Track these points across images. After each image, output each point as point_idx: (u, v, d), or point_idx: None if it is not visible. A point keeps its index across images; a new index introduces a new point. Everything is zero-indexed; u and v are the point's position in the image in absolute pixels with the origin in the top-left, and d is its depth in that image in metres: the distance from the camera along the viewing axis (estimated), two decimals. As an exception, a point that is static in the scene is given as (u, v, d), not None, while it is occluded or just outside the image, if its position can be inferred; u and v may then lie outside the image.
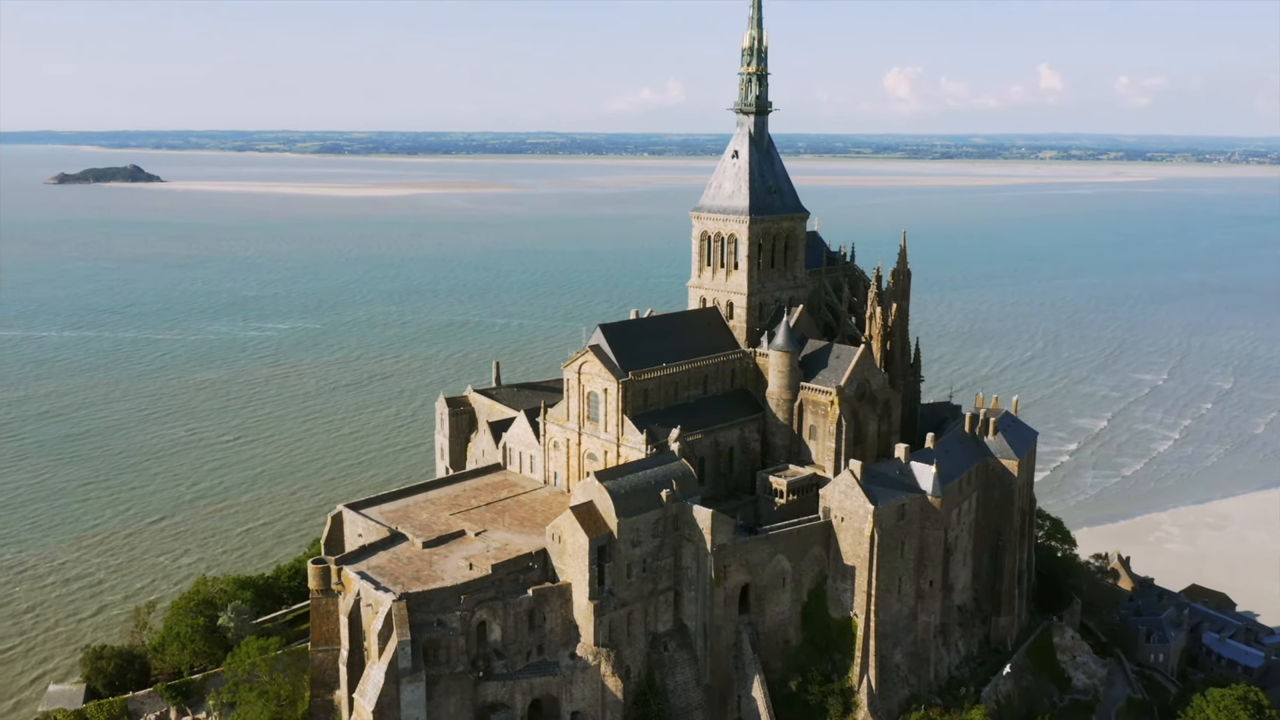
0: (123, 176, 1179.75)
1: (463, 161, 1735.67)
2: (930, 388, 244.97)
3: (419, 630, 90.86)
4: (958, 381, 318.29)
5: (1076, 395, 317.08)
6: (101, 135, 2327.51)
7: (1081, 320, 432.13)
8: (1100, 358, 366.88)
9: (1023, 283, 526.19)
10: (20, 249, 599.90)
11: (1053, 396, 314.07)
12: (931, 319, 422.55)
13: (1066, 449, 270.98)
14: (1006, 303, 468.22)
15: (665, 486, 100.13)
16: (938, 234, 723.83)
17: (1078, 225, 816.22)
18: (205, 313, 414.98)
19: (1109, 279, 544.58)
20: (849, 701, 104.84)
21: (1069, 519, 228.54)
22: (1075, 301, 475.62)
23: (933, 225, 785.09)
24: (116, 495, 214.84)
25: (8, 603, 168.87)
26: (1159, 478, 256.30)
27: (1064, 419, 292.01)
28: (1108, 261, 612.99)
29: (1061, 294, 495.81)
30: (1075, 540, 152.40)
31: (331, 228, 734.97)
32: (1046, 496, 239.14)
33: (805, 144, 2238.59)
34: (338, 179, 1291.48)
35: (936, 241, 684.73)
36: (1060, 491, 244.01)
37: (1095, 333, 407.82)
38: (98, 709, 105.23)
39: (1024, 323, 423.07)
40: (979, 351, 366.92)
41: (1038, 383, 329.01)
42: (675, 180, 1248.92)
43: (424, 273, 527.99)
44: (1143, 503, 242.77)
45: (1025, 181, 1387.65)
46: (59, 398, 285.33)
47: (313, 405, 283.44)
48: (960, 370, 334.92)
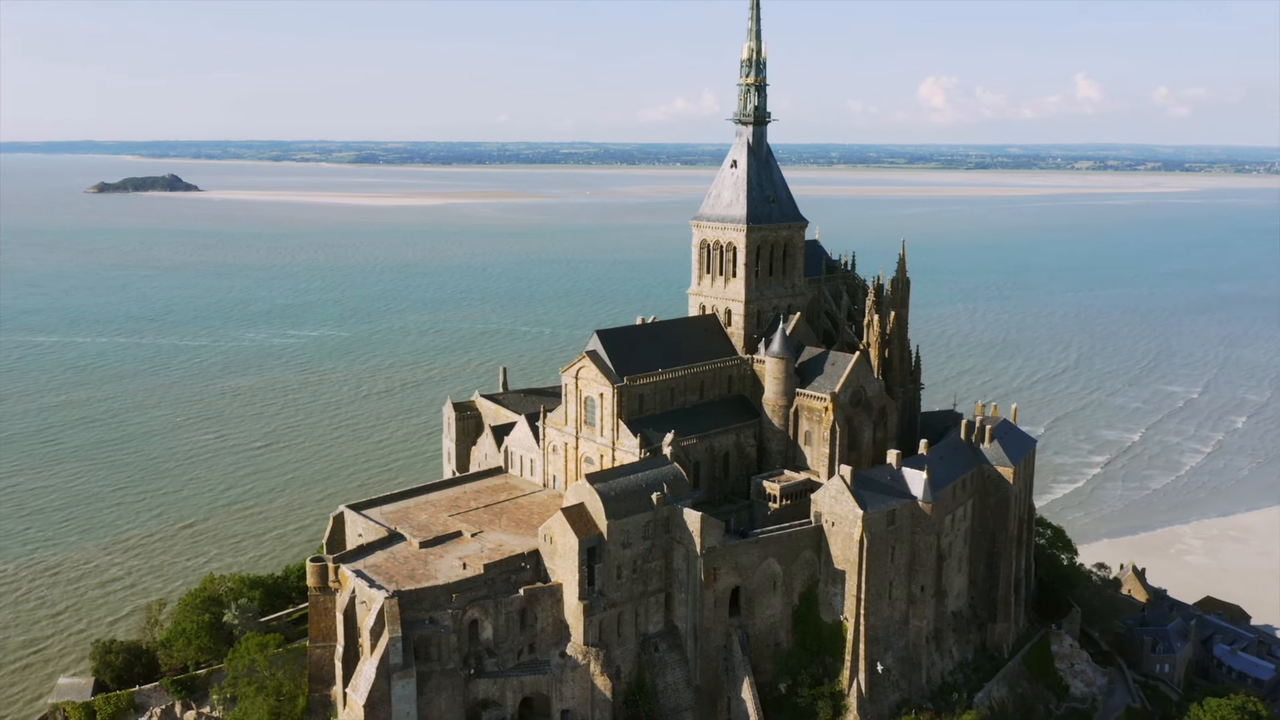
0: (161, 185, 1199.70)
1: (496, 171, 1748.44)
2: (962, 399, 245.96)
3: (411, 627, 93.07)
4: (988, 394, 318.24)
5: (1109, 408, 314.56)
6: (142, 145, 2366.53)
7: (1115, 332, 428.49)
8: (1134, 371, 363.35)
9: (1055, 294, 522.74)
10: (61, 257, 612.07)
11: (1084, 409, 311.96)
12: (965, 330, 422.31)
13: (1096, 462, 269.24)
14: (1040, 314, 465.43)
15: (656, 490, 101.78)
16: (970, 244, 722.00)
17: (1112, 236, 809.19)
18: (240, 320, 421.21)
19: (1144, 290, 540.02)
20: (839, 705, 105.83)
21: (1091, 531, 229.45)
22: (1109, 313, 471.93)
23: (966, 235, 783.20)
24: (147, 499, 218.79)
25: (29, 599, 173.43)
26: (1186, 490, 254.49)
27: (1095, 432, 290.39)
28: (1143, 273, 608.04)
29: (1095, 305, 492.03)
30: (1077, 549, 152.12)
31: (365, 236, 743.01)
32: (1074, 509, 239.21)
33: (838, 154, 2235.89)
34: (373, 188, 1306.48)
35: (969, 252, 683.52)
36: (1087, 504, 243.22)
37: (1129, 345, 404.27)
38: (105, 701, 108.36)
39: (1057, 334, 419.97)
40: (1011, 363, 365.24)
41: (1069, 395, 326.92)
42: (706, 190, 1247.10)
43: (456, 281, 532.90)
44: (1166, 515, 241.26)
45: (1060, 192, 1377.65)
46: (97, 403, 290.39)
47: (343, 412, 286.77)
48: (991, 382, 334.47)
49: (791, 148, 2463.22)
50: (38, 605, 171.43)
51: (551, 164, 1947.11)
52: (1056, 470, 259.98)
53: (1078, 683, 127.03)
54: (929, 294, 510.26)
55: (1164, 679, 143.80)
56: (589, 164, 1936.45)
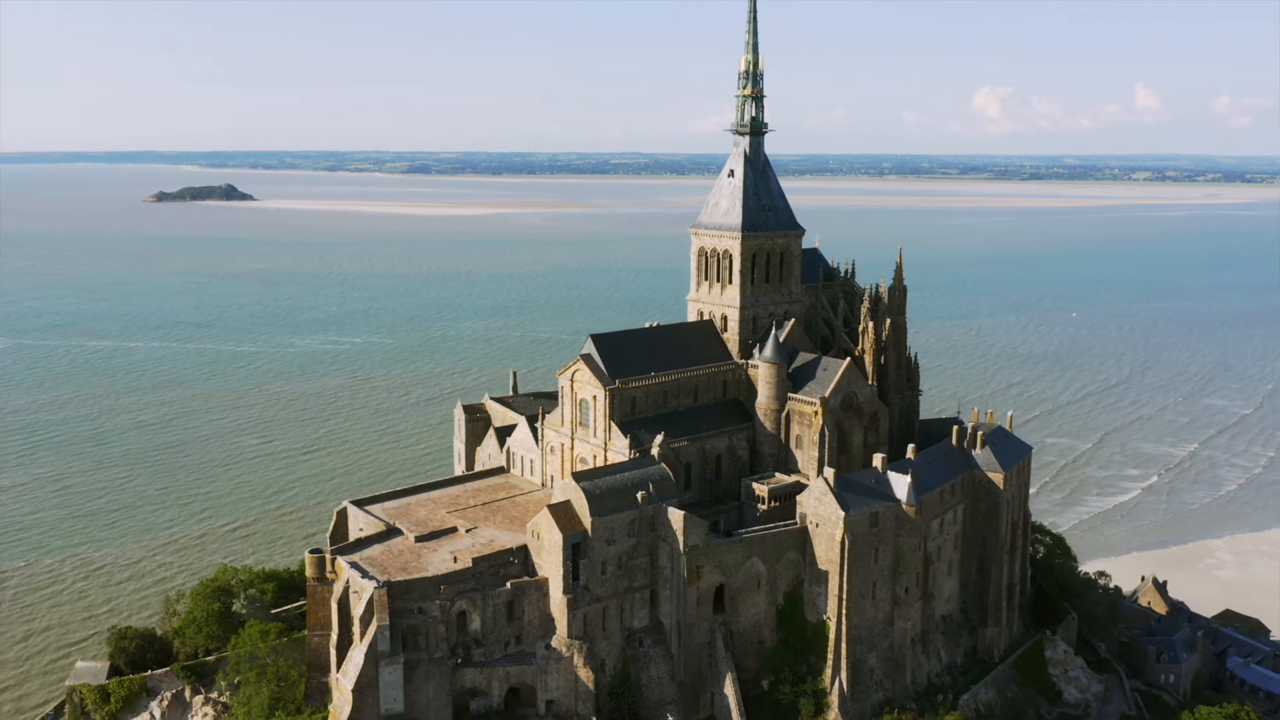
0: (217, 195, 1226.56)
1: (546, 181, 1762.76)
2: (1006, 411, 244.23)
3: (400, 617, 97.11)
4: (1035, 408, 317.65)
5: (1158, 423, 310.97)
6: (201, 155, 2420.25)
7: (1168, 346, 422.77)
8: (1187, 385, 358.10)
9: (1108, 306, 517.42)
10: (119, 264, 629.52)
11: (1133, 424, 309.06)
12: (1016, 342, 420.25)
13: (1135, 475, 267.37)
14: (1092, 326, 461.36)
15: (642, 489, 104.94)
16: (1021, 255, 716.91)
17: (1166, 248, 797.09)
18: (290, 327, 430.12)
19: (1198, 303, 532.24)
20: (821, 702, 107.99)
21: (1122, 544, 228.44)
22: (1162, 326, 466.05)
23: (1017, 246, 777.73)
24: (194, 501, 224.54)
25: (67, 591, 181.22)
26: (1226, 505, 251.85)
27: (1142, 447, 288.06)
28: (1197, 285, 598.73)
29: (1148, 318, 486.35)
30: (1076, 556, 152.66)
31: (416, 245, 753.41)
32: (1112, 523, 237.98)
33: (890, 165, 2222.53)
34: (424, 198, 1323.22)
35: (1020, 263, 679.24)
36: (1125, 517, 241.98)
37: (1183, 359, 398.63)
38: (119, 685, 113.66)
39: (1109, 347, 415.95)
40: (1060, 377, 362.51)
41: (1119, 409, 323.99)
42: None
43: (505, 290, 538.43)
44: (1200, 529, 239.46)
45: (1116, 203, 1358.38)
46: (151, 408, 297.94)
47: (388, 419, 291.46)
48: (1037, 397, 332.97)
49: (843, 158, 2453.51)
50: (74, 596, 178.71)
51: (601, 174, 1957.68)
52: (1099, 484, 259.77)
53: (1071, 689, 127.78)
54: (975, 306, 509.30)
55: (1168, 689, 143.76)
56: (639, 174, 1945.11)
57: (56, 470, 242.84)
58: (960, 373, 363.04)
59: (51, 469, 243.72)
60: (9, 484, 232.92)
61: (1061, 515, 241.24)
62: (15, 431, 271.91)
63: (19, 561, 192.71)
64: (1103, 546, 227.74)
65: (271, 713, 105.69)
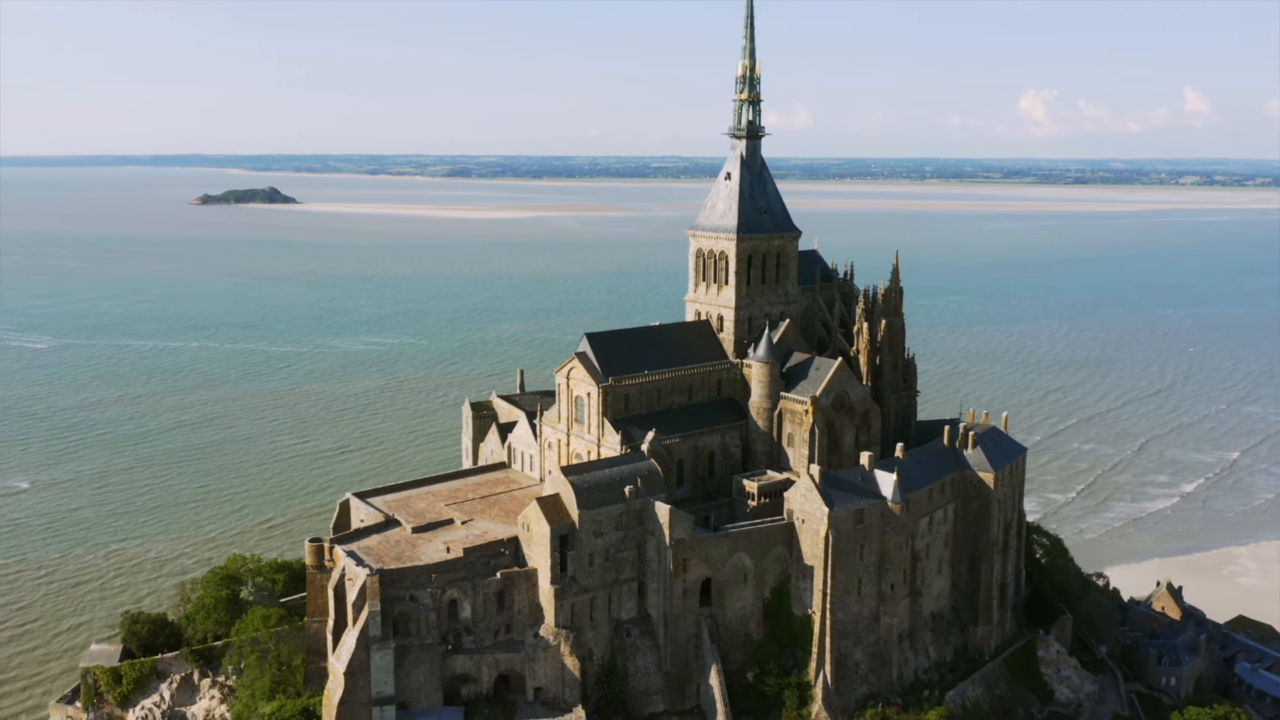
0: (261, 198, 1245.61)
1: (585, 185, 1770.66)
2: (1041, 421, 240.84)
3: (392, 604, 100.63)
4: (1074, 415, 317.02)
5: (1198, 431, 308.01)
6: (247, 159, 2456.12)
7: (1212, 353, 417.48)
8: (1230, 393, 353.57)
9: (1151, 311, 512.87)
10: (165, 266, 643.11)
11: (1172, 432, 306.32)
12: (1059, 349, 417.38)
13: (1164, 482, 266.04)
14: (1138, 332, 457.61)
15: (630, 483, 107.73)
16: (1059, 260, 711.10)
17: (1211, 253, 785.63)
18: (330, 328, 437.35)
19: (1243, 309, 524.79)
20: (805, 695, 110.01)
21: (1145, 550, 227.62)
22: (1207, 333, 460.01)
23: (1056, 251, 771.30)
24: (225, 499, 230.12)
25: (91, 581, 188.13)
26: (1257, 513, 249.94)
27: (1179, 455, 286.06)
28: (1242, 291, 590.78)
29: (1191, 324, 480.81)
30: (1073, 558, 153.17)
31: (456, 249, 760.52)
32: (1144, 532, 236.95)
33: (932, 168, 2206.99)
34: (464, 201, 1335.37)
35: (1059, 268, 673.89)
36: (1159, 526, 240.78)
37: (1227, 366, 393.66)
38: (130, 667, 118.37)
39: (1152, 354, 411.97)
40: (1101, 383, 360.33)
41: (1159, 417, 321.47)
42: (795, 205, 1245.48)
43: (545, 292, 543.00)
44: (1226, 536, 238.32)
45: (1161, 208, 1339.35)
46: (193, 408, 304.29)
47: (421, 420, 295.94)
48: (1076, 403, 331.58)
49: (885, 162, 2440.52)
50: (103, 588, 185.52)
51: (641, 178, 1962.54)
52: (1133, 491, 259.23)
53: (1063, 688, 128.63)
54: (1014, 311, 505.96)
55: (1169, 691, 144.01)
56: (678, 178, 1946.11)
57: (98, 468, 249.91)
58: (998, 378, 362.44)
59: (94, 466, 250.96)
60: (51, 481, 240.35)
61: (1090, 520, 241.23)
62: (61, 430, 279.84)
63: (53, 554, 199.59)
64: (1126, 552, 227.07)
65: (273, 695, 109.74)
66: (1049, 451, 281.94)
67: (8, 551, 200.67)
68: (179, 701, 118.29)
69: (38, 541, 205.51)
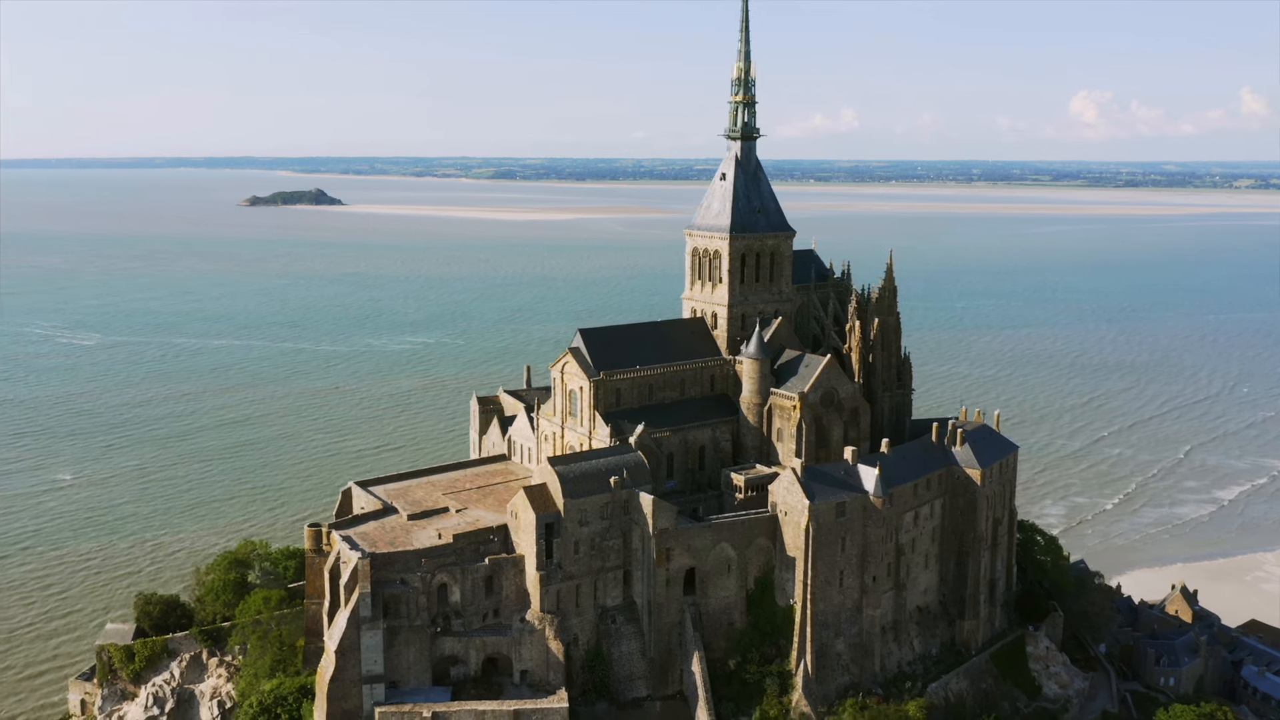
0: (307, 200, 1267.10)
1: (629, 187, 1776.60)
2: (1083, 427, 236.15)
3: (383, 586, 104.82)
4: (1116, 422, 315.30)
5: (1243, 439, 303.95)
6: (295, 161, 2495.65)
7: (1263, 359, 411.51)
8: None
9: (1201, 317, 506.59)
10: (213, 266, 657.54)
11: (1216, 440, 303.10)
12: (1105, 354, 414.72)
13: (1195, 488, 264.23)
14: (1188, 337, 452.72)
15: (616, 474, 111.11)
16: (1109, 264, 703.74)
17: (1265, 258, 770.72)
18: (371, 328, 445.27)
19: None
20: (786, 683, 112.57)
21: (1169, 555, 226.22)
22: (1259, 339, 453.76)
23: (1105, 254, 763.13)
24: (258, 497, 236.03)
25: (118, 568, 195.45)
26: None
27: (1221, 462, 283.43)
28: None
29: (1240, 330, 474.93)
30: (1068, 556, 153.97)
31: (499, 250, 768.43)
32: (1176, 539, 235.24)
33: (980, 171, 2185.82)
34: (508, 203, 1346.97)
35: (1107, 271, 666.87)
36: (1193, 533, 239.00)
37: (1279, 373, 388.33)
38: (143, 646, 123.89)
39: (1200, 360, 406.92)
40: (1148, 388, 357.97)
41: (1205, 424, 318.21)
42: (837, 207, 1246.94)
43: (586, 294, 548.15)
44: (1254, 542, 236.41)
45: (1214, 211, 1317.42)
46: (235, 407, 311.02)
47: (455, 420, 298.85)
48: (1119, 409, 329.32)
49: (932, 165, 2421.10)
50: (130, 574, 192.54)
51: (685, 180, 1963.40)
52: (1170, 497, 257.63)
53: (1051, 684, 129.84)
54: (1056, 315, 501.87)
55: (1167, 691, 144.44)
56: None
57: (140, 463, 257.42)
58: (1040, 384, 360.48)
59: (136, 461, 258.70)
60: (93, 476, 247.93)
61: (1121, 525, 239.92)
62: (105, 427, 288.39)
63: (89, 544, 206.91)
64: (1151, 556, 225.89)
65: (273, 674, 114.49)
66: (1089, 457, 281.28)
67: (46, 540, 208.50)
68: (188, 679, 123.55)
69: (76, 532, 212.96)
